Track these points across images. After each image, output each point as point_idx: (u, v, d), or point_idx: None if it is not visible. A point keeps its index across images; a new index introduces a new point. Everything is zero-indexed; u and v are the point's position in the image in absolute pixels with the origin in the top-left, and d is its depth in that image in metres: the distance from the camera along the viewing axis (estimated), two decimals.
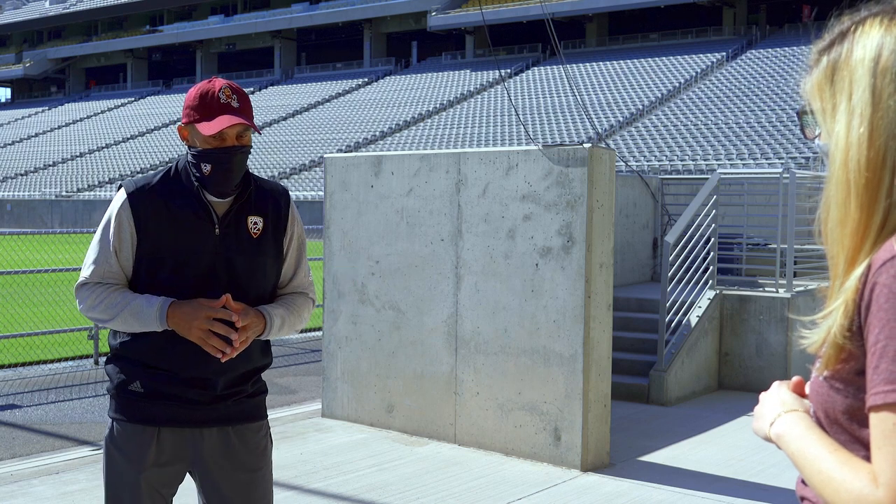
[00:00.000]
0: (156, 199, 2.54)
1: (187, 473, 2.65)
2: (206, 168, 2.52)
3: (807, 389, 1.37)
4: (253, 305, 2.58)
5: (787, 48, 44.47)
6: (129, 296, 2.50)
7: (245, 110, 2.54)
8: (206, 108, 2.51)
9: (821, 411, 1.27)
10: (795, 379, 1.40)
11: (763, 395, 1.40)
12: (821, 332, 1.24)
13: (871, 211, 1.19)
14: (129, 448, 2.55)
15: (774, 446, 1.34)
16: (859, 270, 1.19)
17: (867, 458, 1.17)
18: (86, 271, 2.55)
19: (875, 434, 1.12)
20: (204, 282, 2.52)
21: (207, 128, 2.48)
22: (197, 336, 2.42)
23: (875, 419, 1.12)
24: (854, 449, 1.21)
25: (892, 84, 1.20)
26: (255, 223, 2.61)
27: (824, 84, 1.29)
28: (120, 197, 2.57)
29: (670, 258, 7.81)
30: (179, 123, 2.61)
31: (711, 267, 8.47)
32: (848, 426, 1.22)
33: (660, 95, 43.11)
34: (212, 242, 2.54)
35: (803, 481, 1.32)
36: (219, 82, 2.55)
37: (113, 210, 2.56)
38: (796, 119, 1.41)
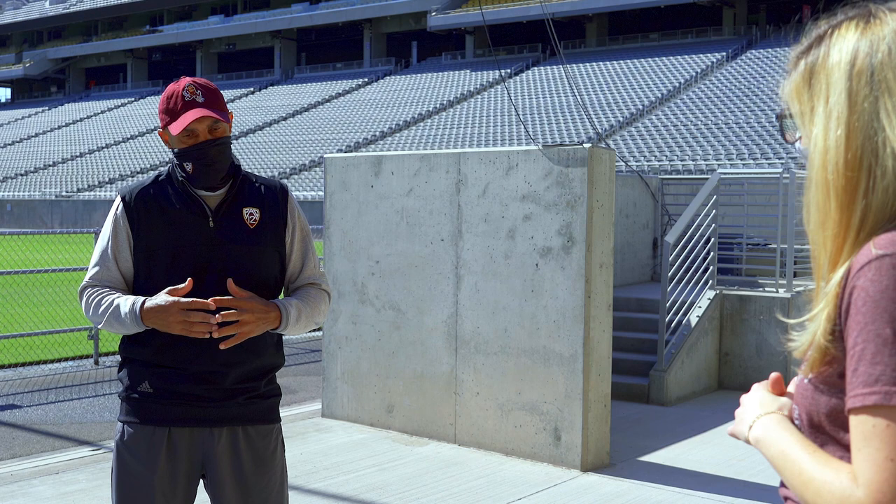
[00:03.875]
0: (149, 200, 2.58)
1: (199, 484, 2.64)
2: (189, 166, 2.56)
3: (791, 388, 1.38)
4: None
5: (787, 48, 44.43)
6: (114, 300, 2.50)
7: (211, 103, 2.55)
8: (172, 108, 2.55)
9: (805, 413, 1.28)
10: (773, 376, 1.41)
11: (743, 398, 1.41)
12: (806, 335, 1.26)
13: (850, 212, 1.20)
14: (140, 450, 2.54)
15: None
16: (839, 274, 1.20)
17: (845, 459, 1.18)
18: (87, 275, 2.62)
19: (854, 436, 1.13)
20: (201, 274, 2.52)
21: (175, 127, 2.52)
22: (178, 329, 2.39)
23: (854, 421, 1.13)
24: (834, 451, 1.22)
25: (867, 87, 1.21)
26: (251, 214, 2.62)
27: (802, 88, 1.30)
28: (116, 203, 2.63)
29: (670, 258, 7.81)
30: (159, 129, 2.64)
31: (711, 267, 8.47)
32: (830, 429, 1.23)
33: (660, 95, 43.11)
34: (206, 234, 2.55)
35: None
36: (184, 81, 2.58)
37: (111, 216, 2.62)
38: (777, 123, 1.43)
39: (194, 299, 2.38)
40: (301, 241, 2.72)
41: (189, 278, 2.42)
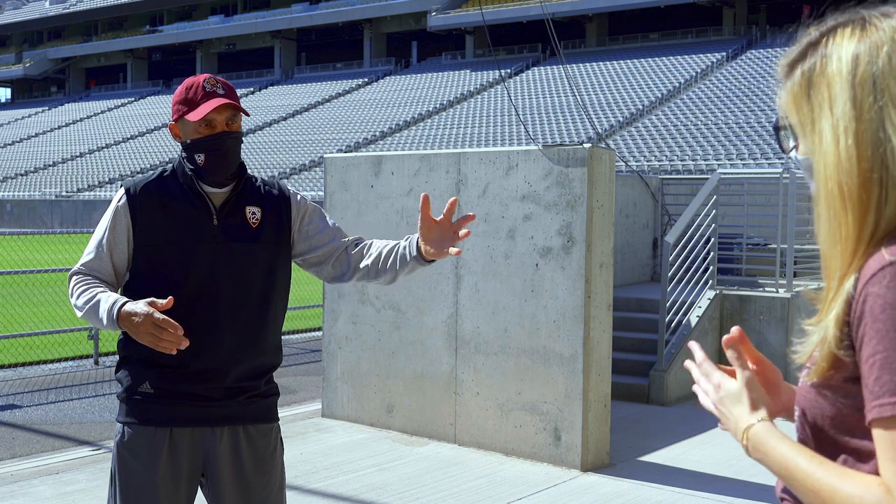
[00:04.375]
0: (153, 195, 2.57)
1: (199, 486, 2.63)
2: (200, 158, 2.55)
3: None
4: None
5: (787, 48, 44.37)
6: (97, 294, 2.46)
7: (231, 96, 2.57)
8: (192, 98, 2.54)
9: (808, 416, 1.27)
10: (734, 332, 1.38)
11: (718, 407, 1.37)
12: (810, 343, 1.24)
13: (864, 222, 1.19)
14: (141, 451, 2.53)
15: None
16: (850, 282, 1.19)
17: (849, 463, 1.18)
18: (79, 261, 2.60)
19: (884, 445, 1.11)
20: (204, 272, 2.52)
21: (195, 114, 2.51)
22: (146, 341, 2.33)
23: (881, 431, 1.11)
24: (837, 455, 1.21)
25: (872, 95, 1.19)
26: (254, 213, 2.62)
27: (800, 97, 1.28)
28: (119, 194, 2.61)
29: (670, 258, 7.81)
30: (170, 122, 2.63)
31: (711, 267, 8.47)
32: (833, 433, 1.22)
33: (660, 95, 43.10)
34: (210, 232, 2.55)
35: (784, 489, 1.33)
36: (203, 75, 2.60)
37: (112, 207, 2.60)
38: (773, 133, 1.41)
39: (166, 318, 2.30)
40: (319, 220, 2.72)
41: (170, 297, 2.35)
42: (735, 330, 1.39)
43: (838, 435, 1.22)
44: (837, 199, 1.21)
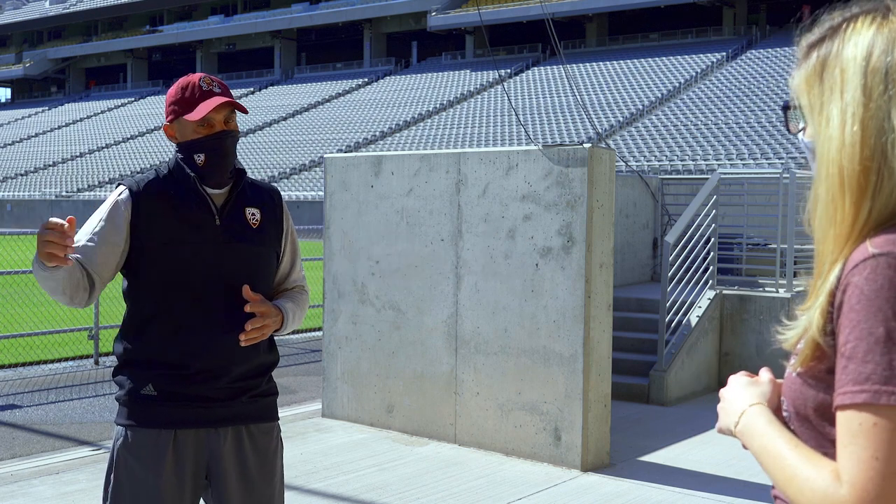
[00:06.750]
0: (155, 195, 2.54)
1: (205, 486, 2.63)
2: (200, 158, 2.53)
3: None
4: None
5: (787, 48, 44.47)
6: None
7: (227, 95, 2.57)
8: (188, 99, 2.53)
9: (792, 406, 1.29)
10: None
11: (723, 392, 1.41)
12: (798, 328, 1.26)
13: (861, 207, 1.21)
14: (145, 454, 2.50)
15: None
16: (836, 271, 1.21)
17: (831, 454, 1.19)
18: None
19: (841, 432, 1.13)
20: (209, 272, 2.51)
21: (195, 114, 2.49)
22: (43, 256, 2.23)
23: (842, 418, 1.13)
24: (820, 445, 1.22)
25: (882, 84, 1.21)
26: (253, 214, 2.63)
27: (813, 80, 1.29)
28: (119, 190, 2.56)
29: (670, 258, 7.81)
30: (164, 124, 2.61)
31: (711, 267, 8.47)
32: (817, 423, 1.24)
33: (660, 95, 43.11)
34: (213, 232, 2.54)
35: None
36: (197, 75, 2.59)
37: (110, 201, 2.54)
38: (781, 113, 1.41)
39: (52, 220, 2.22)
40: (292, 244, 2.76)
41: (71, 216, 2.27)
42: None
43: (822, 425, 1.23)
44: (837, 183, 1.22)
